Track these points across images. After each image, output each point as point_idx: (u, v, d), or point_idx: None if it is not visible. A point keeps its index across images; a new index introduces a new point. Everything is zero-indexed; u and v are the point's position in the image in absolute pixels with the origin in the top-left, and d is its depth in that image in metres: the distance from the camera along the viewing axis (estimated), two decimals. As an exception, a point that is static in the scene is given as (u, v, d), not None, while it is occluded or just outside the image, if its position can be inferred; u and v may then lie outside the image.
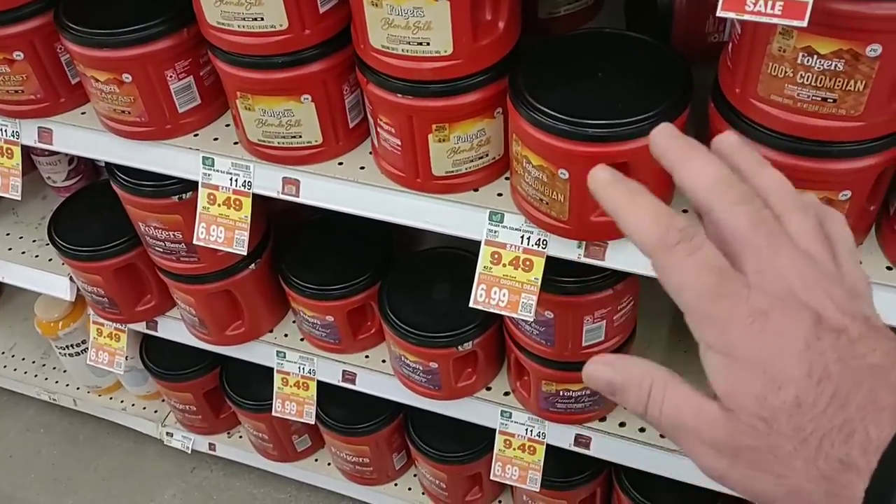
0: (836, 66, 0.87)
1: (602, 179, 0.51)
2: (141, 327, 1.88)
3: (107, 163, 1.49)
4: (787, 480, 0.42)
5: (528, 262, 1.22)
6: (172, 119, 1.35)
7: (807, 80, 0.90)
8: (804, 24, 0.80)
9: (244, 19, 1.13)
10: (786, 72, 0.91)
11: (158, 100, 1.32)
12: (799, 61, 0.89)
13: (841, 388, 0.41)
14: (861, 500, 0.40)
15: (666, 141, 0.51)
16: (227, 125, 1.40)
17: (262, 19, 1.13)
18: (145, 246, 1.63)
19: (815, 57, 0.88)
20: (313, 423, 1.83)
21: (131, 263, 1.71)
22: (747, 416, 0.43)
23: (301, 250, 1.69)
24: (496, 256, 1.23)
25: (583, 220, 1.10)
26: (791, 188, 0.50)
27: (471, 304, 1.25)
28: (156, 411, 2.34)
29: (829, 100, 0.90)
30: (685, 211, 1.08)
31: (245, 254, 1.39)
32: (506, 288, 1.23)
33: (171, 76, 1.30)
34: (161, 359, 2.10)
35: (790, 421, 0.42)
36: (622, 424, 1.54)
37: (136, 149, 1.39)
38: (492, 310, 1.25)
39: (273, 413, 1.83)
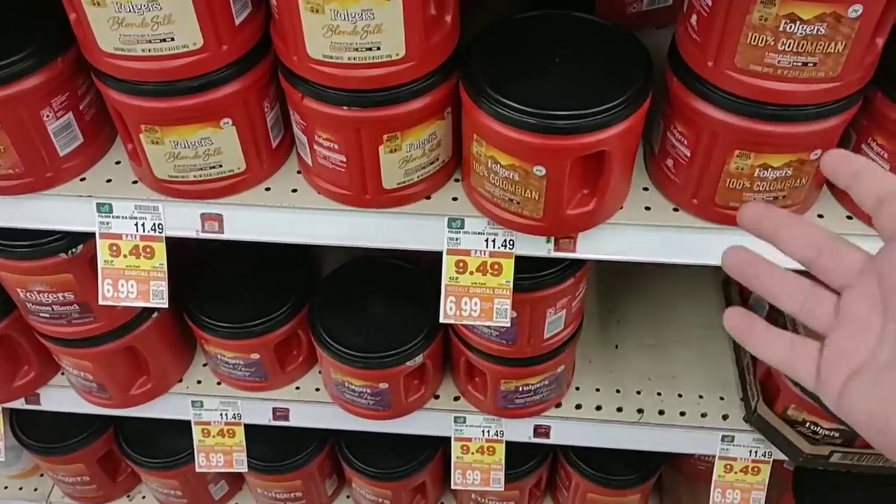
0: (818, 30, 0.87)
1: None
2: (18, 404, 1.62)
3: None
4: None
5: (496, 266, 1.15)
6: (53, 165, 1.15)
7: (788, 47, 0.89)
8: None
9: (150, 42, 0.96)
10: (766, 40, 0.90)
11: (35, 145, 1.11)
12: (781, 29, 0.88)
13: None
14: None
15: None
16: (118, 162, 1.21)
17: (173, 39, 0.96)
18: (24, 313, 1.39)
19: (798, 23, 0.87)
20: (246, 470, 1.67)
21: (3, 335, 1.46)
22: None
23: (207, 284, 1.51)
24: (461, 265, 1.15)
25: (558, 215, 1.05)
26: None
27: (441, 320, 1.17)
28: (36, 489, 2.06)
29: (809, 64, 0.90)
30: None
31: (166, 306, 1.22)
32: (476, 297, 1.16)
33: (47, 116, 1.10)
34: (38, 430, 1.83)
35: None
36: (578, 406, 1.53)
37: (10, 205, 1.17)
38: (464, 322, 1.17)
39: (197, 469, 1.64)
